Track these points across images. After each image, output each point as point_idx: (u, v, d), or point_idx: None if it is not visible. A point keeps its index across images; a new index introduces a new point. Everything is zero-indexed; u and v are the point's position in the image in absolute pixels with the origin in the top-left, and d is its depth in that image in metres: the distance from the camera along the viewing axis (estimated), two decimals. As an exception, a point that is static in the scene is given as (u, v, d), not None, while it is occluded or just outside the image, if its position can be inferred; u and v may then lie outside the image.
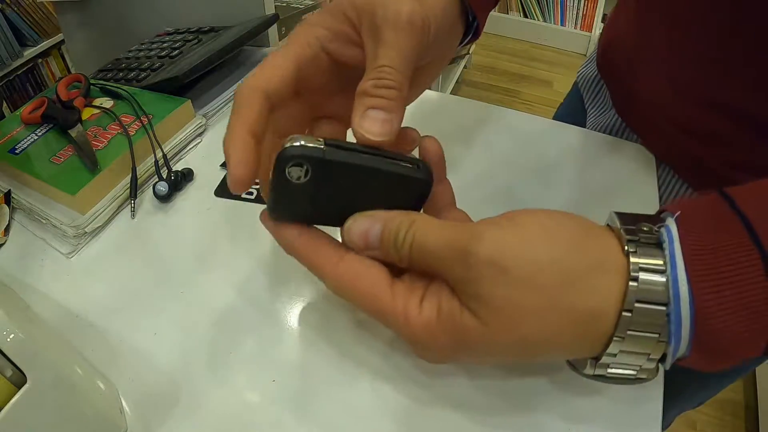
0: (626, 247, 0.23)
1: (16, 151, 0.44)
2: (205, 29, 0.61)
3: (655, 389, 0.30)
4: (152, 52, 0.58)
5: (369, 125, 0.25)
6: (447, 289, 0.24)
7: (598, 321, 0.22)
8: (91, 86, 0.51)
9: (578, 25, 2.66)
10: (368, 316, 0.26)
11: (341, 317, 0.35)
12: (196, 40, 0.58)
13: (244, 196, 0.44)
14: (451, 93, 2.13)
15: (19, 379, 0.23)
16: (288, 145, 0.24)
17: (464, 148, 0.48)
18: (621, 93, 0.51)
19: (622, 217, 0.24)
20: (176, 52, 0.57)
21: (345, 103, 0.27)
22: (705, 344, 0.21)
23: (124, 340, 0.34)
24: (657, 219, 0.24)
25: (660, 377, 0.30)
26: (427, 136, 0.29)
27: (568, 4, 2.62)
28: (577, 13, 2.63)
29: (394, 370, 0.32)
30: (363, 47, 0.27)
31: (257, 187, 0.45)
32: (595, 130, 0.53)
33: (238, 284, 0.37)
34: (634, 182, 0.45)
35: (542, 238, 0.23)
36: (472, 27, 0.34)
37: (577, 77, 0.62)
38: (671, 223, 0.23)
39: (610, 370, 0.24)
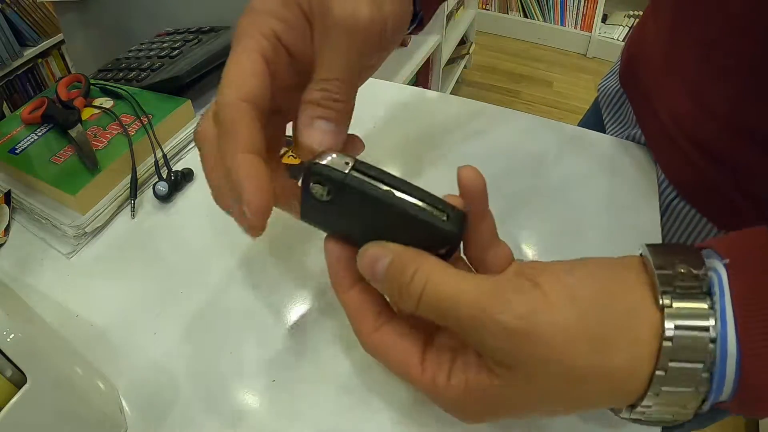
0: (660, 301, 0.21)
1: (16, 151, 0.44)
2: (205, 29, 0.61)
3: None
4: (152, 52, 0.58)
5: (316, 136, 0.24)
6: (474, 360, 0.23)
7: (631, 380, 0.21)
8: (91, 86, 0.51)
9: (578, 25, 2.66)
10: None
11: (341, 317, 0.35)
12: (196, 40, 0.58)
13: (244, 196, 0.44)
14: (451, 93, 2.13)
15: (19, 379, 0.23)
16: (316, 161, 0.23)
17: (464, 148, 0.48)
18: (645, 111, 0.49)
19: (656, 253, 0.22)
20: (176, 52, 0.57)
21: (296, 97, 0.25)
22: (748, 397, 0.20)
23: (124, 340, 0.34)
24: (698, 258, 0.22)
25: None
26: (466, 166, 0.24)
27: (568, 4, 2.62)
28: (577, 13, 2.63)
29: (394, 370, 0.32)
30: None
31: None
32: None
33: (238, 284, 0.37)
34: (634, 182, 0.45)
35: (569, 303, 0.21)
36: (416, 18, 0.32)
37: (598, 91, 0.60)
38: (720, 268, 0.21)
39: (646, 417, 0.23)
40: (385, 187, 0.23)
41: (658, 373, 0.21)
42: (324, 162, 0.23)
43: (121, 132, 0.45)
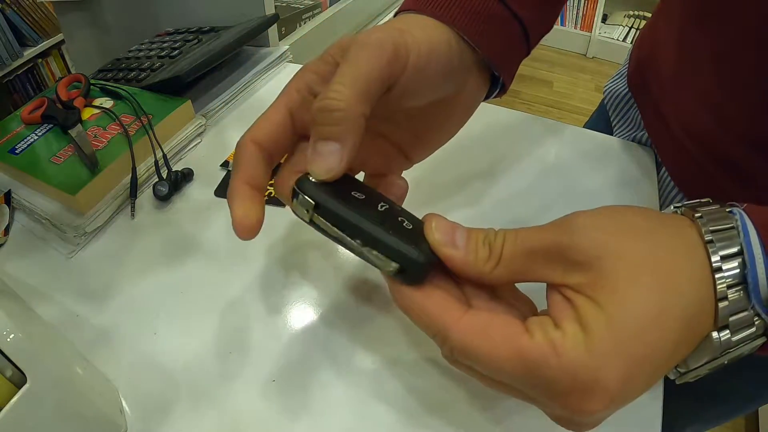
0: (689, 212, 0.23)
1: (16, 151, 0.44)
2: (205, 29, 0.61)
3: (654, 406, 0.30)
4: (152, 52, 0.58)
5: (314, 163, 0.24)
6: (560, 301, 0.22)
7: (702, 278, 0.22)
8: (91, 86, 0.51)
9: (578, 25, 2.66)
10: (508, 380, 0.22)
11: (342, 317, 0.35)
12: (196, 40, 0.58)
13: (244, 196, 0.44)
14: (451, 93, 2.13)
15: (19, 379, 0.23)
16: (297, 177, 0.25)
17: (464, 148, 0.48)
18: (654, 116, 0.49)
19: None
20: (176, 52, 0.57)
21: None
22: None
23: (124, 340, 0.34)
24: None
25: (659, 395, 0.30)
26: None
27: (568, 4, 2.62)
28: (577, 13, 2.63)
29: (396, 369, 0.32)
30: None
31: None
32: None
33: (238, 284, 0.37)
34: (634, 183, 0.45)
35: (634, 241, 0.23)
36: (498, 82, 0.33)
37: (604, 93, 0.59)
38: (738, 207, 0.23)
39: (735, 336, 0.22)
40: (356, 210, 0.24)
41: (721, 304, 0.21)
42: (304, 180, 0.24)
43: (121, 132, 0.45)
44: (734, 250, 0.22)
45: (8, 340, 0.23)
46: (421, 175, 0.46)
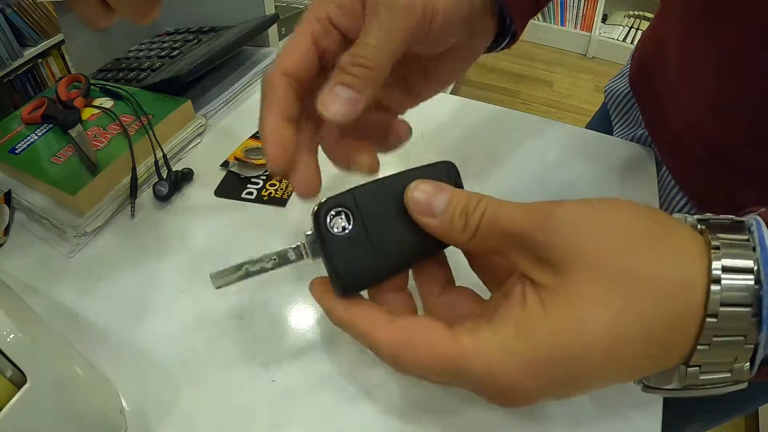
0: (698, 225, 0.22)
1: (16, 151, 0.44)
2: (205, 29, 0.61)
3: (654, 407, 0.30)
4: (152, 52, 0.58)
5: (330, 102, 0.24)
6: (511, 298, 0.23)
7: (689, 291, 0.20)
8: (91, 86, 0.51)
9: (578, 25, 2.66)
10: (440, 381, 0.23)
11: (341, 317, 0.35)
12: (196, 40, 0.58)
13: (244, 196, 0.44)
14: (451, 93, 2.13)
15: (19, 379, 0.23)
16: (318, 202, 0.25)
17: (464, 148, 0.48)
18: (656, 115, 0.49)
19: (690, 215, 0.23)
20: (176, 52, 0.57)
21: None
22: None
23: (124, 340, 0.34)
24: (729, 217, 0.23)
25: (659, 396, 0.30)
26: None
27: (568, 4, 2.62)
28: (577, 13, 2.63)
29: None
30: None
31: (257, 186, 0.45)
32: None
33: (238, 284, 0.37)
34: (634, 183, 0.45)
35: (612, 211, 0.22)
36: (509, 31, 0.33)
37: (605, 93, 0.59)
38: (753, 215, 0.22)
39: (702, 377, 0.21)
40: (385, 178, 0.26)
41: (709, 320, 0.20)
42: (326, 198, 0.25)
43: (121, 132, 0.45)
44: (744, 263, 0.20)
45: (8, 340, 0.23)
46: (421, 175, 0.46)
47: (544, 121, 0.52)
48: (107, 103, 0.49)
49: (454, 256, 0.27)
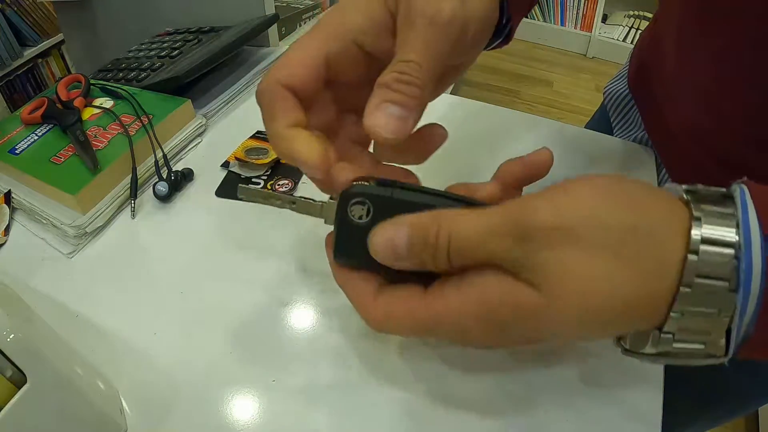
0: (685, 196, 0.22)
1: (17, 151, 0.44)
2: (205, 29, 0.61)
3: (654, 406, 0.30)
4: (152, 52, 0.58)
5: (382, 120, 0.23)
6: (491, 270, 0.22)
7: (665, 269, 0.21)
8: (91, 86, 0.51)
9: (578, 25, 2.66)
10: (421, 336, 0.25)
11: (341, 317, 0.35)
12: (196, 40, 0.58)
13: (244, 196, 0.44)
14: (451, 93, 2.13)
15: (19, 379, 0.23)
16: (351, 184, 0.25)
17: (464, 148, 0.48)
18: (655, 117, 0.48)
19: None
20: (176, 52, 0.57)
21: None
22: None
23: (124, 340, 0.34)
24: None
25: (659, 396, 0.30)
26: (542, 148, 0.29)
27: (568, 4, 2.62)
28: (577, 13, 2.63)
29: (395, 368, 0.32)
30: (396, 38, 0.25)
31: (258, 187, 0.45)
32: None
33: (238, 284, 0.37)
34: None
35: (598, 198, 0.22)
36: (504, 31, 0.33)
37: (604, 94, 0.59)
38: (737, 183, 0.22)
39: (675, 345, 0.22)
40: (423, 194, 0.25)
41: (690, 257, 0.20)
42: (359, 183, 0.25)
43: (122, 132, 0.45)
44: (725, 236, 0.20)
45: (8, 340, 0.23)
46: (421, 174, 0.46)
47: (545, 121, 0.52)
48: (107, 103, 0.49)
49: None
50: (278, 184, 0.45)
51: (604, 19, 2.66)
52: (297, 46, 0.26)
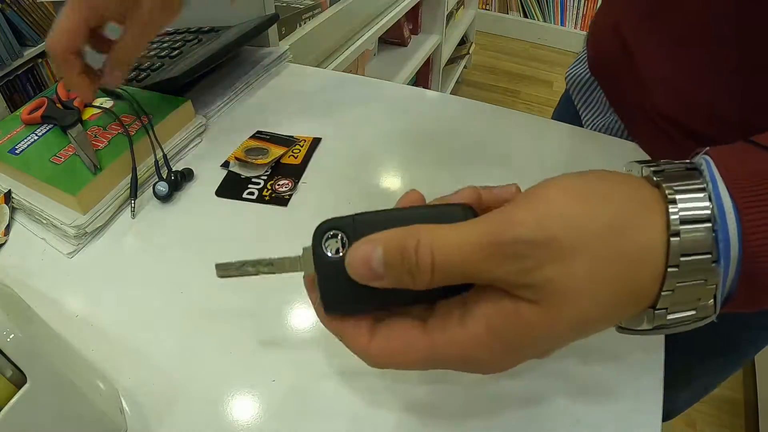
0: (654, 178, 0.22)
1: (17, 152, 0.44)
2: (205, 29, 0.61)
3: (655, 375, 0.30)
4: (152, 52, 0.58)
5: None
6: (487, 296, 0.23)
7: (650, 255, 0.21)
8: (91, 86, 0.51)
9: (578, 25, 2.66)
10: (421, 368, 0.25)
11: (341, 317, 0.35)
12: (196, 40, 0.58)
13: (245, 196, 0.44)
14: (451, 93, 2.13)
15: (19, 379, 0.23)
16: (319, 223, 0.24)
17: (463, 148, 0.48)
18: (620, 97, 0.49)
19: (639, 162, 0.24)
20: (176, 52, 0.57)
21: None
22: (752, 268, 0.21)
23: (124, 340, 0.34)
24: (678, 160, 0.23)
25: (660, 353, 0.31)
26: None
27: (568, 4, 2.62)
28: (577, 13, 2.63)
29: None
30: None
31: (258, 187, 0.45)
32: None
33: (238, 284, 0.37)
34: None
35: (571, 201, 0.22)
36: None
37: (567, 79, 0.59)
38: (701, 155, 0.22)
39: (669, 317, 0.23)
40: (393, 210, 0.25)
41: (673, 239, 0.21)
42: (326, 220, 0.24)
43: (122, 132, 0.45)
44: (700, 211, 0.21)
45: (8, 340, 0.23)
46: (421, 174, 0.46)
47: (544, 120, 0.52)
48: (107, 103, 0.49)
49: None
50: (278, 184, 0.45)
51: (604, 19, 2.66)
52: (63, 15, 0.39)
